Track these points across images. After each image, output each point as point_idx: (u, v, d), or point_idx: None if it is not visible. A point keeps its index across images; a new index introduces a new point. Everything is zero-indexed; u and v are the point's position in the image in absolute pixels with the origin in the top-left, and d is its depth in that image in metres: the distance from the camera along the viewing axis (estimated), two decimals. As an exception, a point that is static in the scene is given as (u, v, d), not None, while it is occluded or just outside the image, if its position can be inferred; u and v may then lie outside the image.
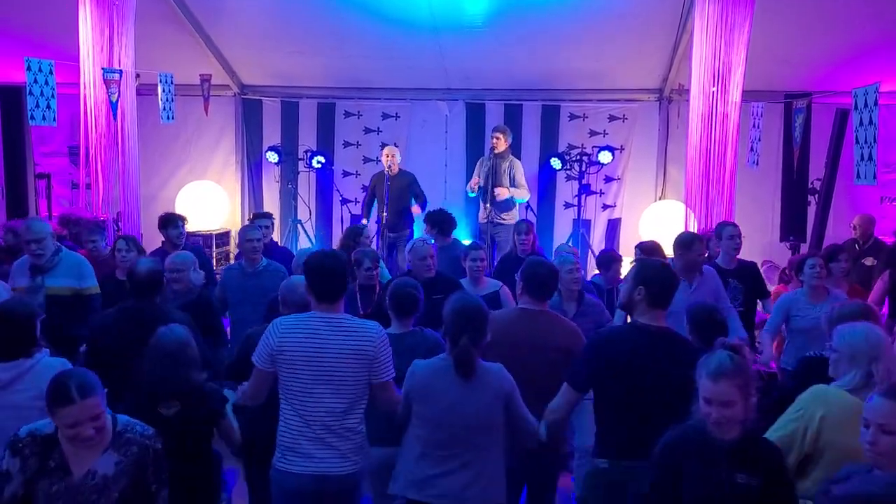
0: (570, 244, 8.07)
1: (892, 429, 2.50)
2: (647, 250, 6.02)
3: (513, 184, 8.59)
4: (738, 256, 5.88)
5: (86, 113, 7.47)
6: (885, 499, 2.36)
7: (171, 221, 6.51)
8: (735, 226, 5.93)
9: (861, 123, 5.10)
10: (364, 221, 8.94)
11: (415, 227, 8.93)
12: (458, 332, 3.36)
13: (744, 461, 2.70)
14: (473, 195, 8.96)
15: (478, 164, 8.90)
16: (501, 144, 8.61)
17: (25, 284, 5.02)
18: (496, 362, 3.42)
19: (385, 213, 8.62)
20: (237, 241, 6.82)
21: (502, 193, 8.49)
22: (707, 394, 2.74)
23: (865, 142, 5.02)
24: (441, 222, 6.85)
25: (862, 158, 5.06)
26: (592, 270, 7.65)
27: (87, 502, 2.76)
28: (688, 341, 3.51)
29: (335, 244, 9.60)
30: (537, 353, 3.71)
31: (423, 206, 8.73)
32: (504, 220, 8.65)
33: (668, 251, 7.84)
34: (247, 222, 9.02)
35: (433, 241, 6.24)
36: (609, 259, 6.44)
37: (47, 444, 2.76)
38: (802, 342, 5.14)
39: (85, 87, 7.42)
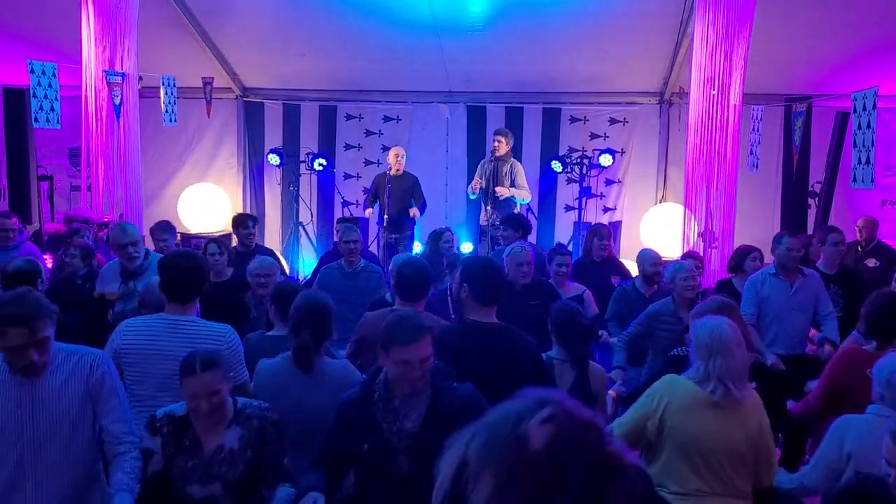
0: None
1: None
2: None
3: (513, 186, 8.61)
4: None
5: (87, 115, 7.50)
6: None
7: (240, 222, 6.75)
8: (840, 232, 5.91)
9: (859, 127, 5.10)
10: (368, 211, 8.98)
11: (416, 229, 8.95)
12: (299, 326, 3.40)
13: None
14: (475, 197, 8.99)
15: (479, 166, 8.92)
16: (503, 147, 8.63)
17: (117, 290, 4.96)
18: (370, 363, 3.39)
19: (386, 214, 8.63)
20: (337, 241, 6.94)
21: (502, 192, 8.50)
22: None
23: (863, 145, 5.03)
24: (524, 226, 6.70)
25: (859, 162, 5.07)
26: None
27: (217, 475, 2.94)
28: (523, 337, 3.49)
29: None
30: None
31: (421, 210, 8.76)
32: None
33: (671, 254, 7.91)
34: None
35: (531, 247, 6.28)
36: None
37: (181, 425, 2.97)
38: None
39: (87, 90, 7.44)
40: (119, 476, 2.89)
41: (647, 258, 5.88)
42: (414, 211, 8.66)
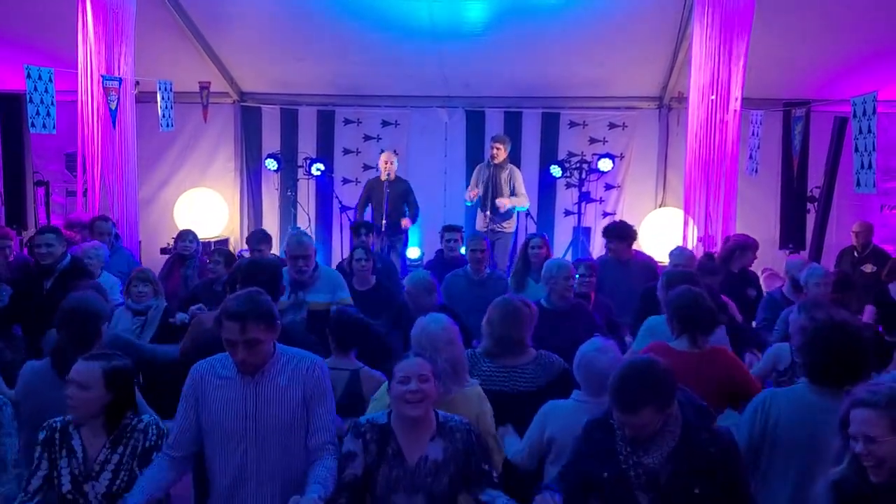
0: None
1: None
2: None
3: (513, 193, 8.61)
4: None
5: (84, 120, 7.47)
6: None
7: (354, 230, 7.09)
8: None
9: (860, 132, 5.09)
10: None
11: (409, 234, 8.92)
12: (59, 328, 3.54)
13: None
14: (471, 204, 8.97)
15: (475, 171, 8.89)
16: (502, 154, 8.62)
17: (285, 300, 4.91)
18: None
19: (384, 219, 8.60)
20: (442, 249, 7.02)
21: (504, 204, 8.50)
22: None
23: (865, 150, 5.01)
24: (630, 235, 6.55)
25: (861, 167, 5.05)
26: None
27: (422, 486, 2.96)
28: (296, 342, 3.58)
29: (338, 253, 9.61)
30: None
31: (413, 218, 8.71)
32: (504, 228, 8.67)
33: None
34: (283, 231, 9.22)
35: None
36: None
37: (384, 433, 3.00)
38: None
39: (83, 95, 7.41)
40: (316, 471, 2.95)
41: (797, 265, 5.75)
42: (406, 221, 8.62)
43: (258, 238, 6.86)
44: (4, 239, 6.45)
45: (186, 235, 7.01)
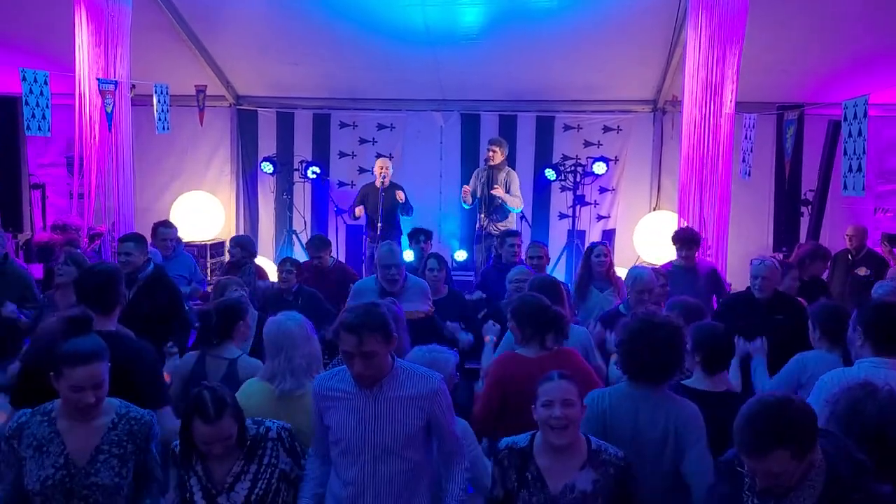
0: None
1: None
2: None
3: (508, 193, 8.64)
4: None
5: (81, 123, 7.48)
6: None
7: (412, 235, 7.10)
8: None
9: (850, 135, 5.11)
10: (359, 210, 8.96)
11: (402, 239, 8.93)
12: None
13: None
14: (468, 207, 8.99)
15: (473, 175, 8.94)
16: (498, 157, 8.65)
17: None
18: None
19: (380, 223, 8.62)
20: (498, 255, 7.03)
21: (497, 191, 8.57)
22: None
23: (854, 153, 5.04)
24: (696, 241, 6.45)
25: (850, 170, 5.07)
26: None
27: None
28: (135, 342, 3.67)
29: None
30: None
31: (408, 212, 8.78)
32: (500, 230, 8.68)
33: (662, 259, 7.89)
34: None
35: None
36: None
37: (524, 457, 2.93)
38: None
39: (80, 98, 7.42)
40: (451, 486, 3.02)
41: None
42: (400, 194, 8.67)
43: (317, 244, 6.75)
44: (72, 247, 6.24)
45: (247, 245, 6.93)
